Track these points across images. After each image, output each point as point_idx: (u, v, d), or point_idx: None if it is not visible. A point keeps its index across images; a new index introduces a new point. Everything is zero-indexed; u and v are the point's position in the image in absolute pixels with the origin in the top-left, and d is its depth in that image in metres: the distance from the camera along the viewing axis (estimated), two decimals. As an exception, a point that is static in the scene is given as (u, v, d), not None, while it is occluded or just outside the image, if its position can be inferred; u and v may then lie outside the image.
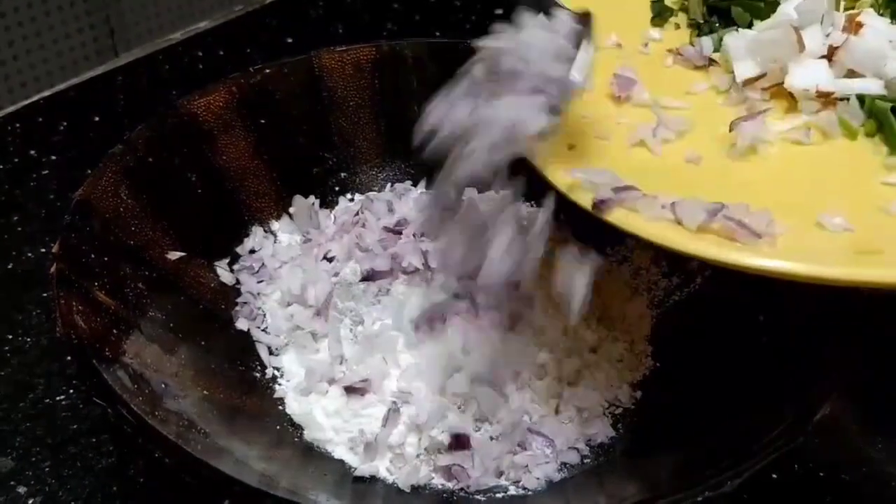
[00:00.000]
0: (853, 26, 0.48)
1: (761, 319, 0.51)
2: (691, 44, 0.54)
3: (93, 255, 0.49)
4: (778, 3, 0.51)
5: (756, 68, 0.49)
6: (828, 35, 0.48)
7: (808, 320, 0.49)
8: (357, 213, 0.62)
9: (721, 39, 0.52)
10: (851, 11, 0.50)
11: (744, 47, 0.49)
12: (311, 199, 0.63)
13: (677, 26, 0.57)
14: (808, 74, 0.47)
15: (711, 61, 0.53)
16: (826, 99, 0.47)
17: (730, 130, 0.46)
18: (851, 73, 0.47)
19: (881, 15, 0.50)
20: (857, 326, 0.46)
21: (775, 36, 0.48)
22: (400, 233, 0.60)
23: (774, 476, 0.51)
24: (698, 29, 0.55)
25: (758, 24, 0.52)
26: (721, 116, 0.48)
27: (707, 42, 0.52)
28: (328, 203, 0.65)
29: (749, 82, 0.49)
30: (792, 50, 0.47)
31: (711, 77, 0.52)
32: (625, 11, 0.56)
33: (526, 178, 0.46)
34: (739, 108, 0.49)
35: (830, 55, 0.48)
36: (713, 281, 0.56)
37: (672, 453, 0.47)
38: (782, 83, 0.48)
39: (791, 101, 0.48)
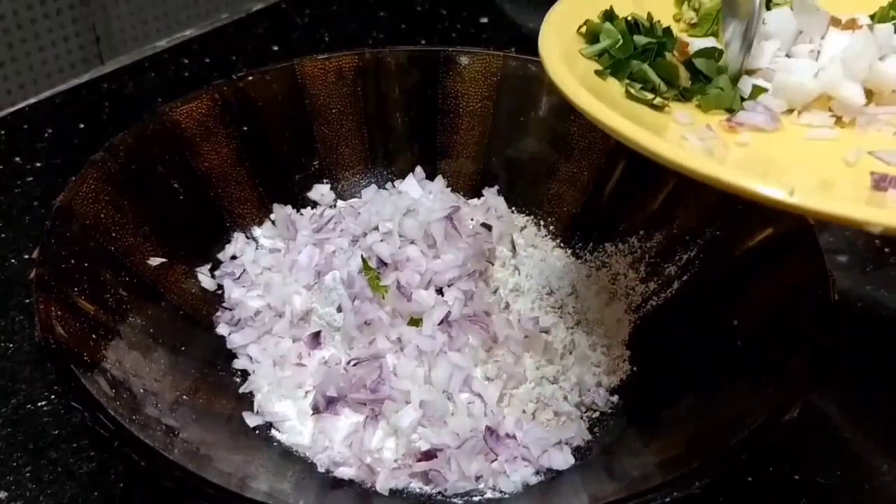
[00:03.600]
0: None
1: (736, 324, 0.52)
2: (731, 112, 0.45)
3: (73, 261, 0.49)
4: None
5: (858, 87, 0.44)
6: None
7: (782, 324, 0.49)
8: (339, 220, 0.62)
9: (755, 87, 0.46)
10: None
11: (837, 72, 0.44)
12: (289, 208, 0.64)
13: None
14: None
15: None
16: None
17: None
18: None
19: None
20: (829, 330, 0.47)
21: (858, 46, 0.44)
22: (381, 239, 0.60)
23: (749, 479, 0.52)
24: (682, 96, 0.47)
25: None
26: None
27: (770, 100, 0.45)
28: (310, 209, 0.66)
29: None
30: (875, 51, 0.44)
31: (809, 119, 0.45)
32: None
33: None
34: (885, 131, 0.44)
35: None
36: (690, 286, 0.57)
37: (647, 456, 0.47)
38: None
39: None
